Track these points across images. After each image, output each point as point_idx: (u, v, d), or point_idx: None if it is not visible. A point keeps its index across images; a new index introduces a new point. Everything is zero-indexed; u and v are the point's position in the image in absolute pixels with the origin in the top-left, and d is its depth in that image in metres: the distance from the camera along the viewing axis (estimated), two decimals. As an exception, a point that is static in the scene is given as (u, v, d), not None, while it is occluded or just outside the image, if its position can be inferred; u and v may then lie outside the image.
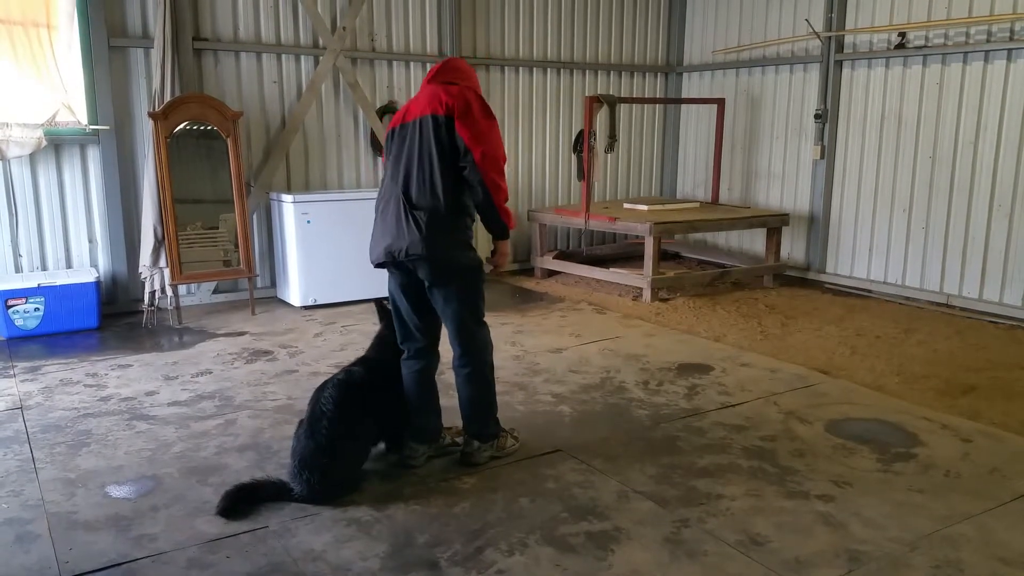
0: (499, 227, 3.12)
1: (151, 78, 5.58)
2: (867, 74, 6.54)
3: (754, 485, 3.07)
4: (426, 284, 3.07)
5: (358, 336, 5.22)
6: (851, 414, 3.83)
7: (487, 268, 3.23)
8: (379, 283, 6.14)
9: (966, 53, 5.82)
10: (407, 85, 6.80)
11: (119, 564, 2.54)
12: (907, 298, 6.29)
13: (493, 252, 3.27)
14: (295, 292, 5.95)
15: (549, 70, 7.53)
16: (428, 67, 6.74)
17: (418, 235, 2.94)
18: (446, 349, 3.27)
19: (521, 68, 7.37)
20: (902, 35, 6.22)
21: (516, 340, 5.11)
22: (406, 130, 3.05)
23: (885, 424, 3.71)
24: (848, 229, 6.81)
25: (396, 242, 2.99)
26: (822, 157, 6.87)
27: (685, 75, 8.24)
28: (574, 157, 7.32)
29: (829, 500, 2.96)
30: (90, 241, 5.68)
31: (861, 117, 6.61)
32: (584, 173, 6.62)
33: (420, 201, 2.97)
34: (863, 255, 6.71)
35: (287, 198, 5.85)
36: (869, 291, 6.57)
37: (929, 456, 3.35)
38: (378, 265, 3.12)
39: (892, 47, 6.30)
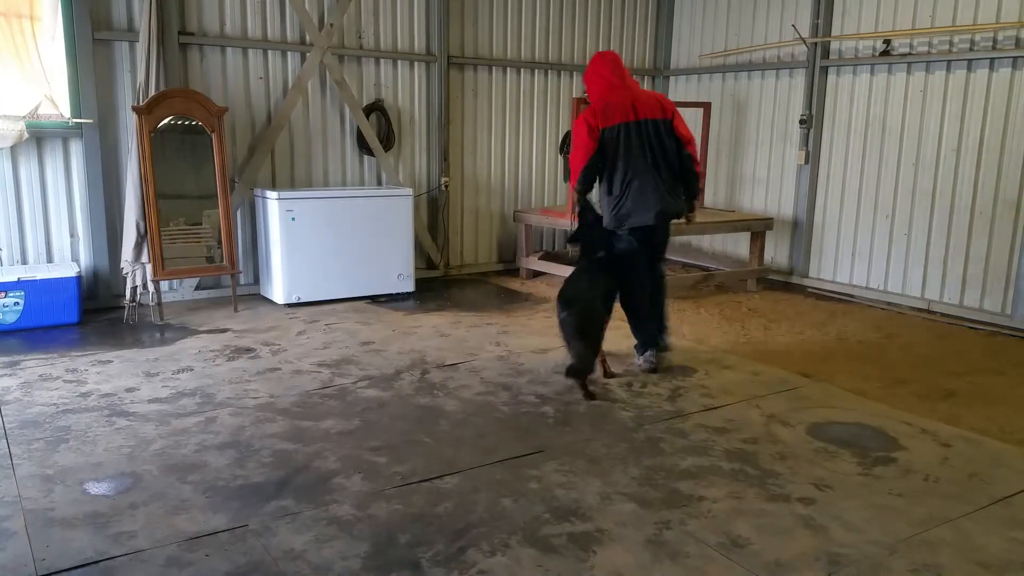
0: (698, 193, 4.65)
1: (136, 72, 5.52)
2: (852, 80, 6.61)
3: (736, 487, 3.09)
4: (657, 234, 4.37)
5: (342, 334, 5.20)
6: (832, 418, 3.87)
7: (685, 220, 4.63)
8: (363, 281, 6.19)
9: (949, 62, 5.90)
10: (395, 83, 6.78)
11: (97, 562, 2.51)
12: (889, 303, 6.35)
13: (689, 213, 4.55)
14: (278, 289, 5.91)
15: (536, 71, 7.54)
16: (416, 65, 6.83)
17: (679, 203, 4.39)
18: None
19: (509, 68, 7.37)
20: (887, 42, 6.29)
21: (501, 340, 5.11)
22: (643, 127, 4.22)
23: (866, 428, 3.74)
24: (831, 234, 6.87)
25: (668, 207, 4.32)
26: (806, 162, 6.92)
27: (672, 78, 8.28)
28: (560, 158, 7.33)
29: (810, 503, 2.98)
30: (72, 235, 5.61)
31: (846, 123, 6.68)
32: (570, 174, 6.62)
33: (672, 181, 4.32)
34: (846, 260, 6.77)
35: (272, 195, 5.81)
36: (851, 296, 6.64)
37: (909, 460, 3.38)
38: (636, 228, 4.29)
39: (877, 54, 6.36)
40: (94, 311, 5.58)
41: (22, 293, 5.09)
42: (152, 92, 5.40)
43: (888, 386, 4.38)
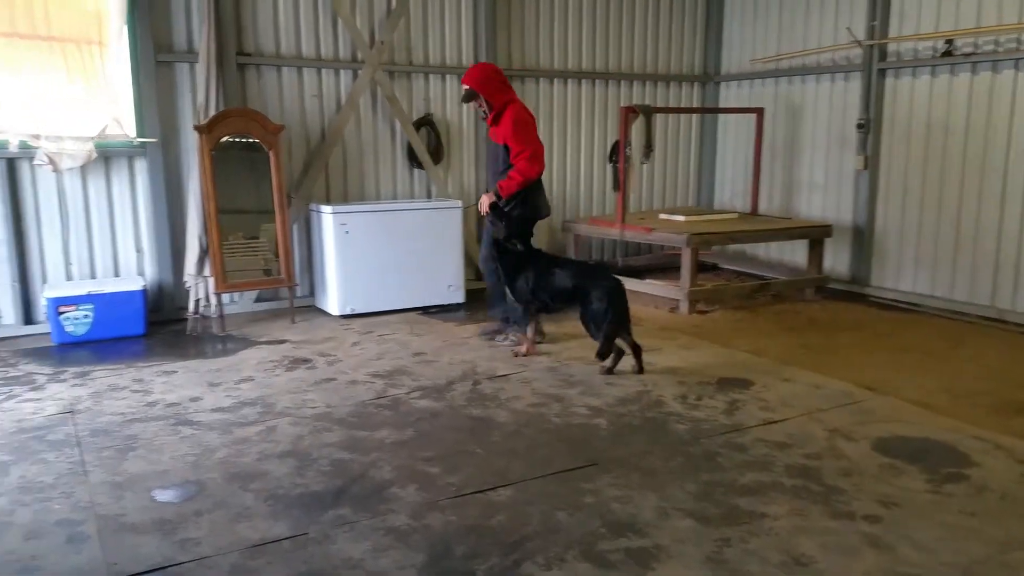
0: None
1: (196, 92, 5.72)
2: (911, 83, 6.40)
3: (798, 504, 3.00)
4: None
5: (394, 345, 5.26)
6: (899, 432, 3.73)
7: None
8: (414, 293, 6.27)
9: (1018, 60, 5.66)
10: (443, 98, 6.86)
11: (164, 567, 2.58)
12: (956, 312, 6.11)
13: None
14: (333, 301, 6.02)
15: (584, 81, 7.53)
16: (459, 79, 6.86)
17: None
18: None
19: (556, 79, 7.38)
20: (949, 42, 6.08)
21: (551, 351, 5.09)
22: None
23: (935, 443, 3.60)
24: (893, 241, 6.65)
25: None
26: (865, 167, 6.73)
27: (723, 84, 8.16)
28: (609, 167, 7.29)
29: (876, 521, 2.87)
30: (137, 250, 5.83)
31: (905, 127, 6.47)
32: (619, 183, 6.60)
33: None
34: (909, 268, 6.54)
35: (326, 209, 5.94)
36: (916, 305, 6.40)
37: (982, 478, 3.24)
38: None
39: (938, 55, 6.15)
40: (159, 323, 5.78)
41: (91, 306, 5.30)
42: (212, 111, 5.59)
43: (957, 399, 4.21)
